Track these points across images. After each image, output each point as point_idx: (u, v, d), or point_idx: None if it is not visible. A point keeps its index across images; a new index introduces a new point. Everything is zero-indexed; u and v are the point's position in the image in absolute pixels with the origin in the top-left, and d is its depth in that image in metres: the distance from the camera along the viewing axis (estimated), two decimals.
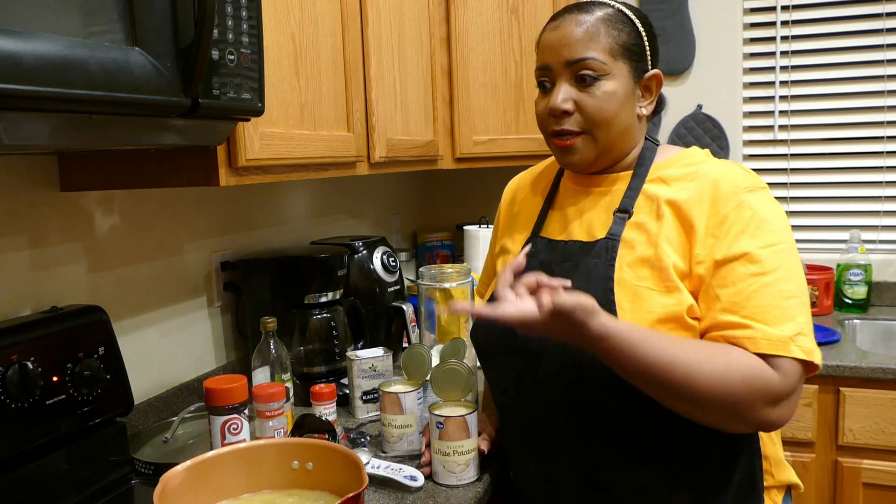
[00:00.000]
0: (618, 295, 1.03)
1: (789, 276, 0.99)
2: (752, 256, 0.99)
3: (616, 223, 1.09)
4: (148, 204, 1.48)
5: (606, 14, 1.09)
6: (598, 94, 1.07)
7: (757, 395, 0.93)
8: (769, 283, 0.97)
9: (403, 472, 1.21)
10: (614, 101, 1.08)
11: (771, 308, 0.96)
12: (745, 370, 0.93)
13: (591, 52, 1.07)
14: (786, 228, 1.03)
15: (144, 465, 1.26)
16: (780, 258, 0.99)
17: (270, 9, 1.23)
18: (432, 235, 2.71)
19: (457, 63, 2.09)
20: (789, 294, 0.97)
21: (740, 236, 1.00)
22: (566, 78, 1.09)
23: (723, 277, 0.99)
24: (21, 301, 1.22)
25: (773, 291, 0.97)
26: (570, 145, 1.11)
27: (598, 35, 1.07)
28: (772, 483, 1.12)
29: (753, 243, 0.99)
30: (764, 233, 1.00)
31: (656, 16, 2.47)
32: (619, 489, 1.08)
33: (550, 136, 1.13)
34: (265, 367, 1.43)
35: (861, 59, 2.36)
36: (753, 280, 0.98)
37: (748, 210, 1.01)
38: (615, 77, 1.08)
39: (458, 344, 1.39)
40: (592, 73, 1.07)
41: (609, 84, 1.08)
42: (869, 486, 1.86)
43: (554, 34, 1.10)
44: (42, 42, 0.73)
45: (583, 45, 1.07)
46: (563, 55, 1.08)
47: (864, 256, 2.29)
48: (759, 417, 0.95)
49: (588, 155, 1.11)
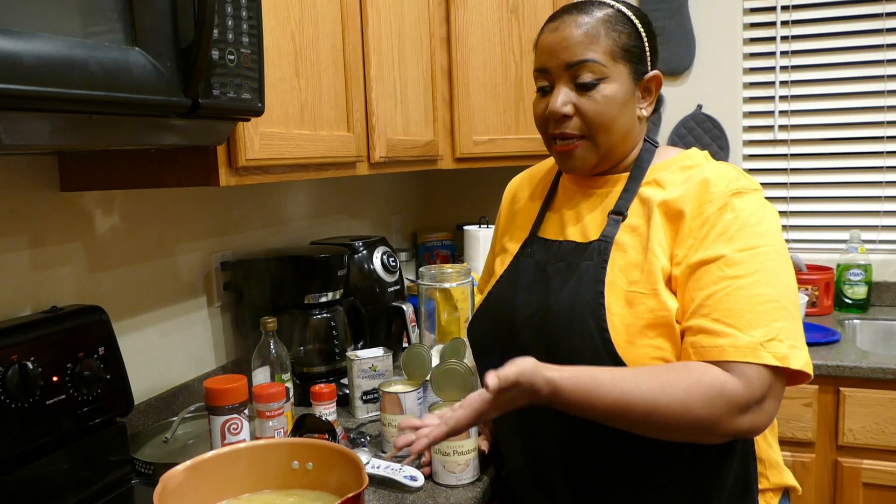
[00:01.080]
0: (608, 297, 1.03)
1: (768, 280, 0.96)
2: (729, 259, 0.96)
3: (610, 225, 1.09)
4: (148, 204, 1.48)
5: (606, 15, 1.07)
6: (598, 97, 1.06)
7: (720, 411, 0.90)
8: (743, 286, 0.95)
9: (403, 472, 1.21)
10: (614, 105, 1.07)
11: (743, 312, 0.94)
12: (704, 391, 0.90)
13: (591, 54, 1.05)
14: (772, 232, 1.00)
15: (144, 465, 1.25)
16: (759, 261, 0.96)
17: (270, 9, 1.23)
18: (432, 235, 2.71)
19: (457, 63, 2.09)
20: (766, 298, 0.95)
21: (718, 239, 0.98)
22: (565, 81, 1.08)
23: (697, 279, 0.98)
24: (21, 301, 1.22)
25: (747, 295, 0.94)
26: (571, 150, 1.09)
27: (598, 37, 1.06)
28: (767, 485, 1.12)
29: (731, 246, 0.97)
30: (744, 236, 0.98)
31: (656, 16, 2.47)
32: (612, 491, 1.08)
33: (550, 140, 1.12)
34: (265, 367, 1.43)
35: (861, 59, 2.36)
36: (727, 283, 0.95)
37: (730, 213, 0.99)
38: (615, 80, 1.07)
39: (458, 344, 1.39)
40: (592, 76, 1.05)
41: (609, 87, 1.06)
42: (869, 486, 1.86)
43: (553, 35, 1.08)
44: (42, 42, 0.73)
45: (583, 47, 1.05)
46: (562, 57, 1.07)
47: (864, 256, 2.29)
48: (729, 429, 0.92)
49: (589, 160, 1.10)
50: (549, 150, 1.15)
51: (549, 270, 1.11)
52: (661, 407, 0.90)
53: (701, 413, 0.90)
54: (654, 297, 1.01)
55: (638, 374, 0.93)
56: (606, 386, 0.90)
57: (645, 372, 0.94)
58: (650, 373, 0.94)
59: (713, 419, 0.91)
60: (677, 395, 0.90)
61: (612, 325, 1.01)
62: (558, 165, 1.16)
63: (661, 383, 0.91)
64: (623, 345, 1.00)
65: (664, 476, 1.05)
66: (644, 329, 1.00)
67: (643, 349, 1.00)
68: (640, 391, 0.90)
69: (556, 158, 1.14)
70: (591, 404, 0.91)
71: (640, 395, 0.90)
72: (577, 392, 0.90)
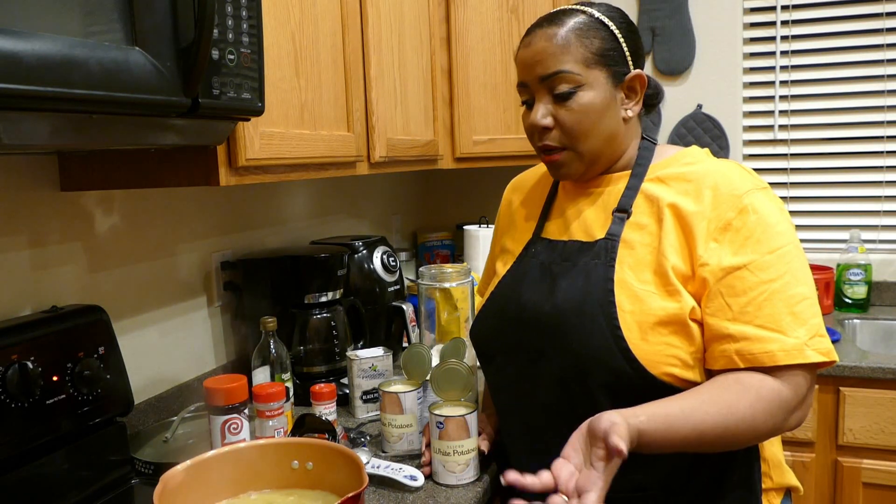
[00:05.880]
0: (618, 295, 1.03)
1: (797, 278, 0.99)
2: (760, 263, 0.98)
3: (615, 223, 1.09)
4: (148, 204, 1.48)
5: (577, 23, 1.08)
6: (574, 107, 1.07)
7: (779, 419, 0.97)
8: (778, 289, 0.98)
9: (403, 472, 1.21)
10: (592, 113, 1.08)
11: (783, 315, 0.97)
12: (766, 406, 0.95)
13: (564, 65, 1.06)
14: (790, 228, 1.03)
15: (144, 464, 1.25)
16: (786, 262, 0.99)
17: (270, 9, 1.23)
18: (432, 235, 2.71)
19: (457, 63, 2.09)
20: (800, 297, 0.98)
21: (746, 243, 1.00)
22: (543, 93, 1.09)
23: (731, 286, 0.99)
24: (21, 301, 1.22)
25: (784, 297, 0.97)
26: (556, 160, 1.12)
27: (568, 46, 1.07)
28: (770, 485, 1.12)
29: (760, 250, 0.99)
30: (769, 237, 1.00)
31: (656, 15, 2.47)
32: (615, 490, 1.08)
33: (538, 151, 1.15)
34: (265, 367, 1.44)
35: (861, 59, 2.36)
36: (763, 288, 0.98)
37: (752, 214, 1.01)
38: (592, 87, 1.07)
39: (458, 344, 1.39)
40: (568, 86, 1.07)
41: (586, 95, 1.07)
42: (869, 486, 1.86)
43: (527, 51, 1.10)
44: (42, 42, 0.73)
45: (554, 59, 1.07)
46: (536, 71, 1.09)
47: (864, 256, 2.29)
48: (782, 430, 0.99)
49: (576, 167, 1.12)
50: (541, 159, 1.17)
51: (554, 270, 1.11)
52: (730, 429, 0.94)
53: (765, 426, 0.96)
54: (666, 295, 1.01)
55: (703, 401, 0.96)
56: (679, 422, 0.93)
57: (708, 397, 0.96)
58: (713, 396, 0.96)
59: (774, 427, 0.97)
60: (743, 414, 0.94)
61: (623, 323, 1.01)
62: (551, 174, 1.19)
63: (727, 406, 0.95)
64: (636, 342, 1.00)
65: (669, 478, 1.05)
66: (656, 326, 1.00)
67: (656, 346, 1.00)
68: (711, 418, 0.94)
69: (546, 167, 1.18)
70: (669, 442, 0.93)
71: (710, 423, 0.93)
72: (656, 434, 0.92)
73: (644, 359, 0.99)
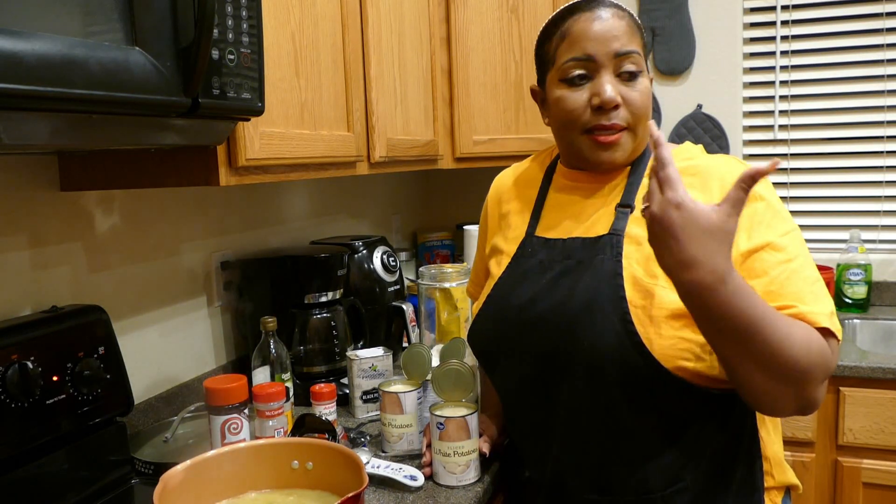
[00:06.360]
0: (628, 290, 1.02)
1: (808, 261, 1.01)
2: (776, 244, 0.99)
3: (619, 218, 1.08)
4: (148, 204, 1.48)
5: (631, 15, 1.10)
6: (640, 88, 1.08)
7: (823, 371, 0.92)
8: (796, 268, 0.98)
9: (403, 472, 1.21)
10: (648, 98, 1.09)
11: (806, 292, 0.97)
12: (820, 345, 0.91)
13: (636, 45, 1.08)
14: (789, 214, 1.05)
15: (144, 464, 1.25)
16: (797, 244, 1.01)
17: (270, 9, 1.23)
18: (432, 235, 2.71)
19: (457, 63, 2.09)
20: (815, 277, 0.99)
21: (759, 227, 1.00)
22: (608, 70, 1.07)
23: (751, 269, 0.99)
24: (21, 301, 1.22)
25: (802, 276, 0.98)
26: (616, 141, 1.08)
27: (635, 30, 1.09)
28: (772, 484, 1.12)
29: (773, 232, 1.00)
30: (779, 221, 1.01)
31: (656, 15, 2.47)
32: (621, 492, 1.08)
33: (592, 131, 1.08)
34: (265, 367, 1.44)
35: (860, 59, 2.36)
36: (783, 267, 0.98)
37: (761, 201, 1.02)
38: (646, 75, 1.10)
39: (458, 344, 1.39)
40: (635, 67, 1.07)
41: (644, 80, 1.09)
42: (869, 486, 1.87)
43: (597, 24, 1.07)
44: (42, 42, 0.73)
45: (628, 38, 1.07)
46: (612, 46, 1.06)
47: (864, 256, 2.29)
48: (812, 395, 0.93)
49: (629, 151, 1.10)
50: (581, 143, 1.10)
51: (555, 268, 1.11)
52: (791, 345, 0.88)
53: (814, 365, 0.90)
54: None
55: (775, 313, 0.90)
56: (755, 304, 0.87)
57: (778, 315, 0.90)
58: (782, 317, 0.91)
59: (816, 377, 0.91)
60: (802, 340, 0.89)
61: (636, 318, 1.00)
62: (592, 158, 1.10)
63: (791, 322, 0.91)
64: (649, 336, 0.99)
65: (673, 477, 1.05)
66: (668, 319, 0.99)
67: (669, 340, 0.99)
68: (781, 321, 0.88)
69: (591, 151, 1.10)
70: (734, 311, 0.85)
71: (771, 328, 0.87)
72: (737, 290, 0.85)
73: (658, 353, 0.99)
